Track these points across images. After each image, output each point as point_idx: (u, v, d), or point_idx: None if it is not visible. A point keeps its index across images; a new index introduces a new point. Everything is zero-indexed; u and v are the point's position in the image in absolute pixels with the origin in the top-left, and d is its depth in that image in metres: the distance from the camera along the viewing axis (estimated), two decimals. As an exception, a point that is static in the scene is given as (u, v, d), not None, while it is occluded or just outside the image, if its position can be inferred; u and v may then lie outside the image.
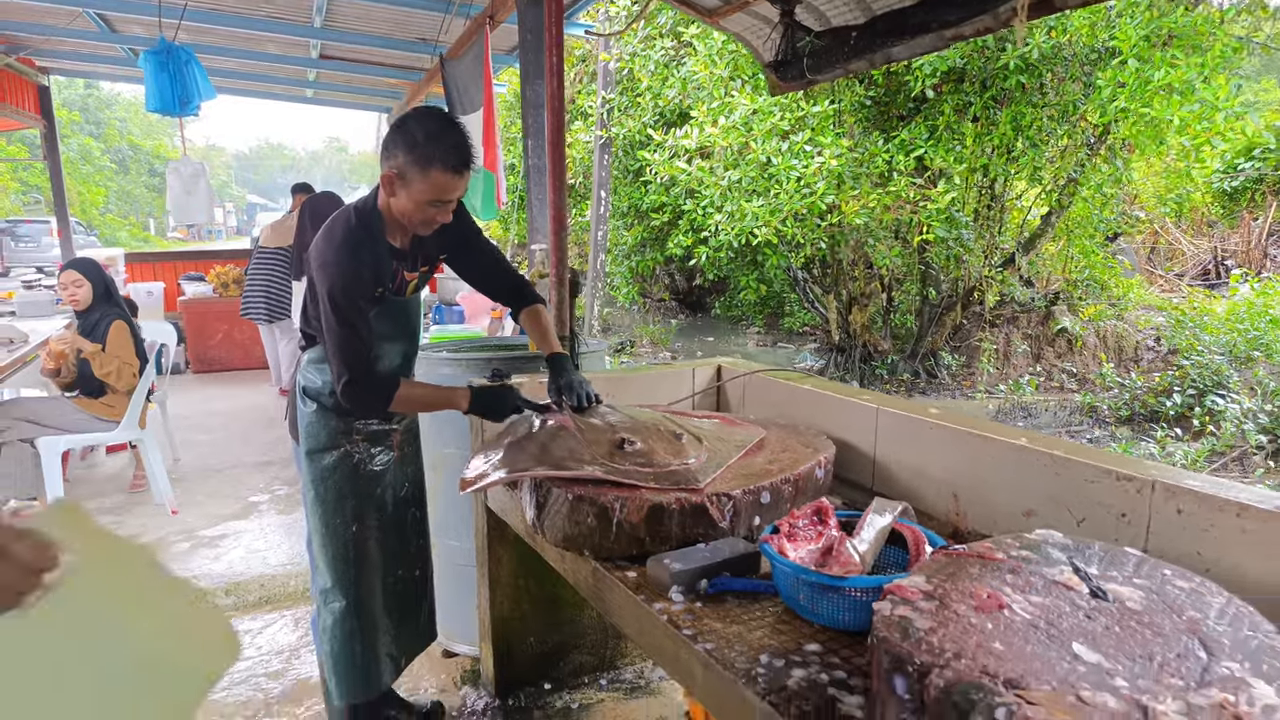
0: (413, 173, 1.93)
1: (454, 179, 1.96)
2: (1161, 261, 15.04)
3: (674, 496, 1.72)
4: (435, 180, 1.94)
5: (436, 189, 1.95)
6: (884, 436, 2.10)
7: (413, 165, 1.93)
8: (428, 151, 1.92)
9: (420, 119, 1.97)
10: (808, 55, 2.63)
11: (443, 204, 1.99)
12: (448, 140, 1.94)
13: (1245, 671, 1.02)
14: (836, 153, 6.75)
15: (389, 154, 1.97)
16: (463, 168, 1.97)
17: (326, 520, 2.19)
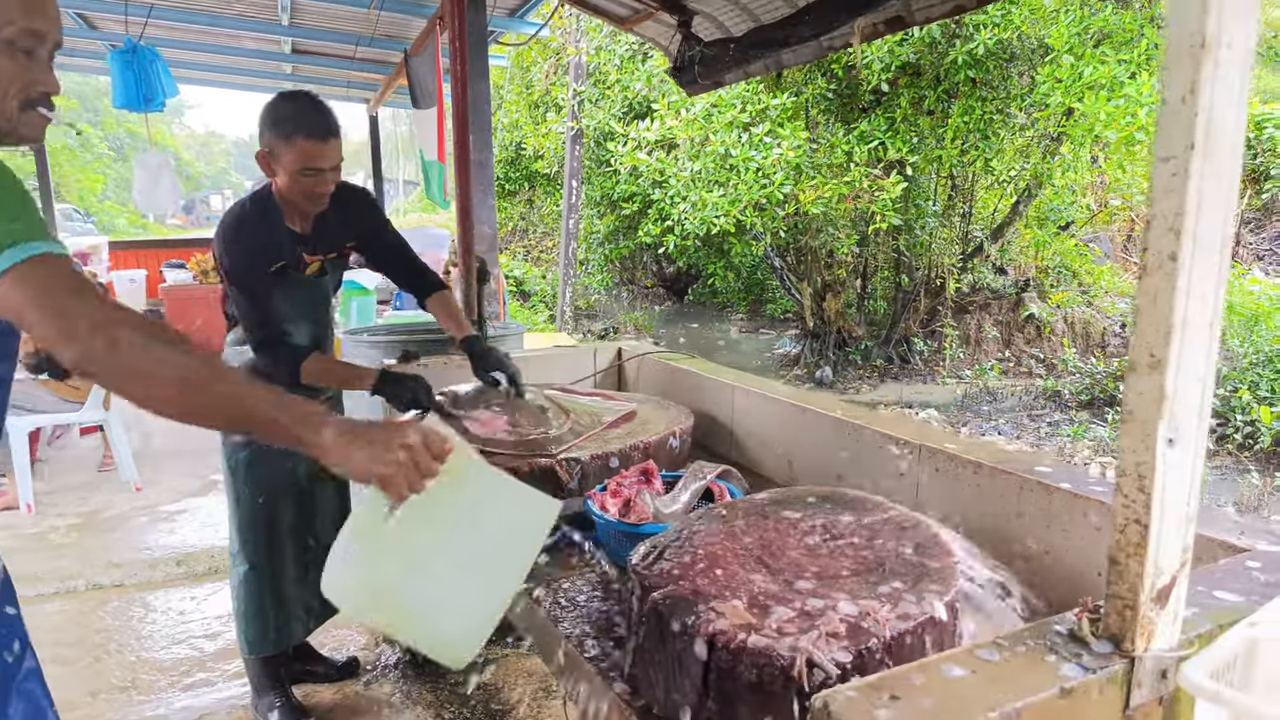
0: (280, 146, 2.09)
1: (319, 145, 2.08)
2: (1136, 249, 15.22)
3: (526, 461, 1.96)
4: (301, 149, 2.06)
5: (304, 156, 2.07)
6: (739, 411, 2.34)
7: (279, 139, 2.09)
8: (290, 124, 2.08)
9: (282, 98, 2.14)
10: (698, 63, 2.84)
11: (314, 172, 2.10)
12: (306, 111, 2.09)
13: (906, 589, 1.26)
14: (795, 144, 6.96)
15: (260, 136, 2.14)
16: (326, 134, 2.09)
17: (235, 490, 2.42)
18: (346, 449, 1.11)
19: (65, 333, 1.02)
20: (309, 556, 2.55)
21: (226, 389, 1.09)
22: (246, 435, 1.22)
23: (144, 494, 4.54)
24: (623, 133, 7.57)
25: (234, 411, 1.11)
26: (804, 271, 10.26)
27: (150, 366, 1.04)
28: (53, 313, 1.03)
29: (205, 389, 1.08)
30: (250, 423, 1.12)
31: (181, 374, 1.05)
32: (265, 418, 1.10)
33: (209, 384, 1.08)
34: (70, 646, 3.07)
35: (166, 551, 3.83)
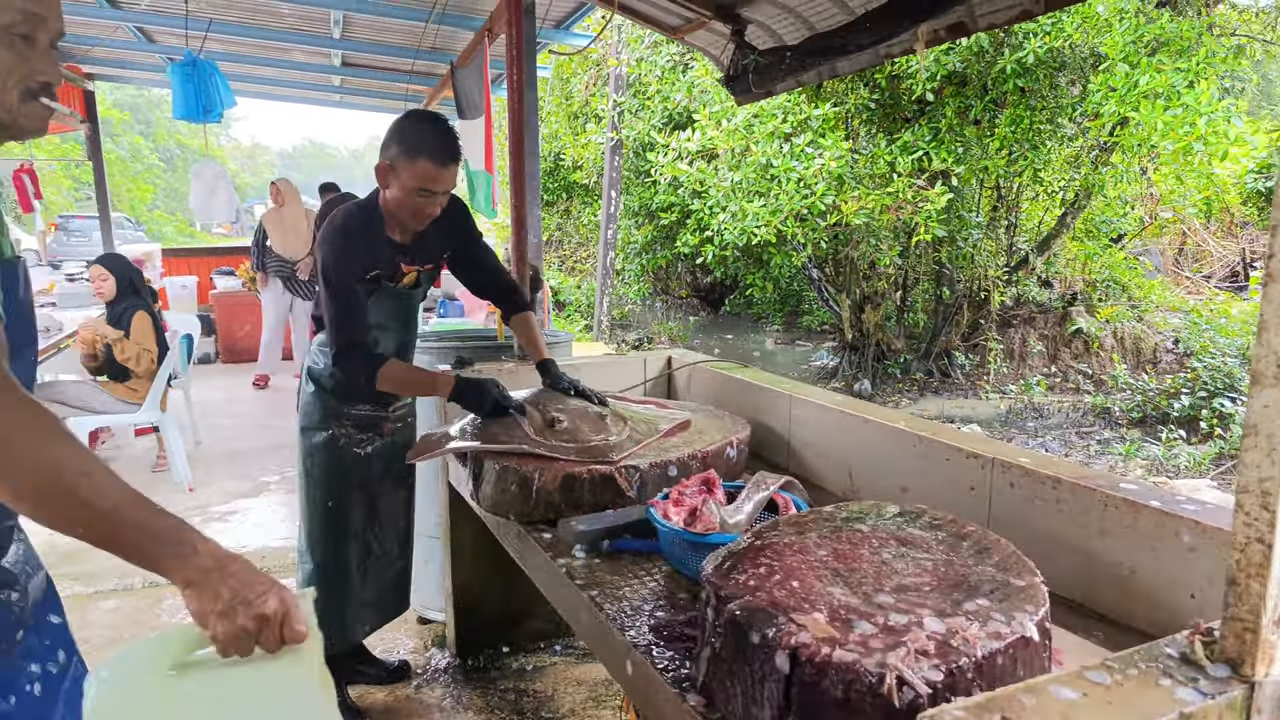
0: (402, 163, 2.16)
1: (438, 170, 2.15)
2: (1189, 263, 14.89)
3: (586, 467, 1.96)
4: (422, 170, 2.14)
5: (422, 178, 2.14)
6: (796, 421, 2.31)
7: (402, 156, 2.15)
8: (415, 144, 2.15)
9: (412, 118, 2.22)
10: (752, 71, 2.83)
11: (429, 194, 2.17)
12: (434, 135, 2.17)
13: (993, 607, 1.22)
14: (837, 154, 6.92)
15: (384, 148, 2.22)
16: (448, 160, 2.17)
17: (308, 491, 2.46)
18: (205, 589, 0.98)
19: None
20: (371, 561, 2.58)
21: (88, 489, 0.95)
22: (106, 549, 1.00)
23: (196, 495, 4.62)
24: (663, 143, 7.59)
25: (91, 517, 0.96)
26: (843, 283, 10.18)
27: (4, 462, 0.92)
28: None
29: (60, 488, 0.95)
30: (109, 532, 0.97)
31: (36, 466, 0.93)
32: (129, 539, 0.97)
33: (67, 482, 0.94)
34: (127, 641, 3.11)
35: (218, 553, 3.88)
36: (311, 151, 72.71)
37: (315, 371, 2.45)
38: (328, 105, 9.54)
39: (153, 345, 4.39)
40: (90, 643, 3.08)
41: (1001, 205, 8.60)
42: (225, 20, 5.45)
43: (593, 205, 10.98)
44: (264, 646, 1.00)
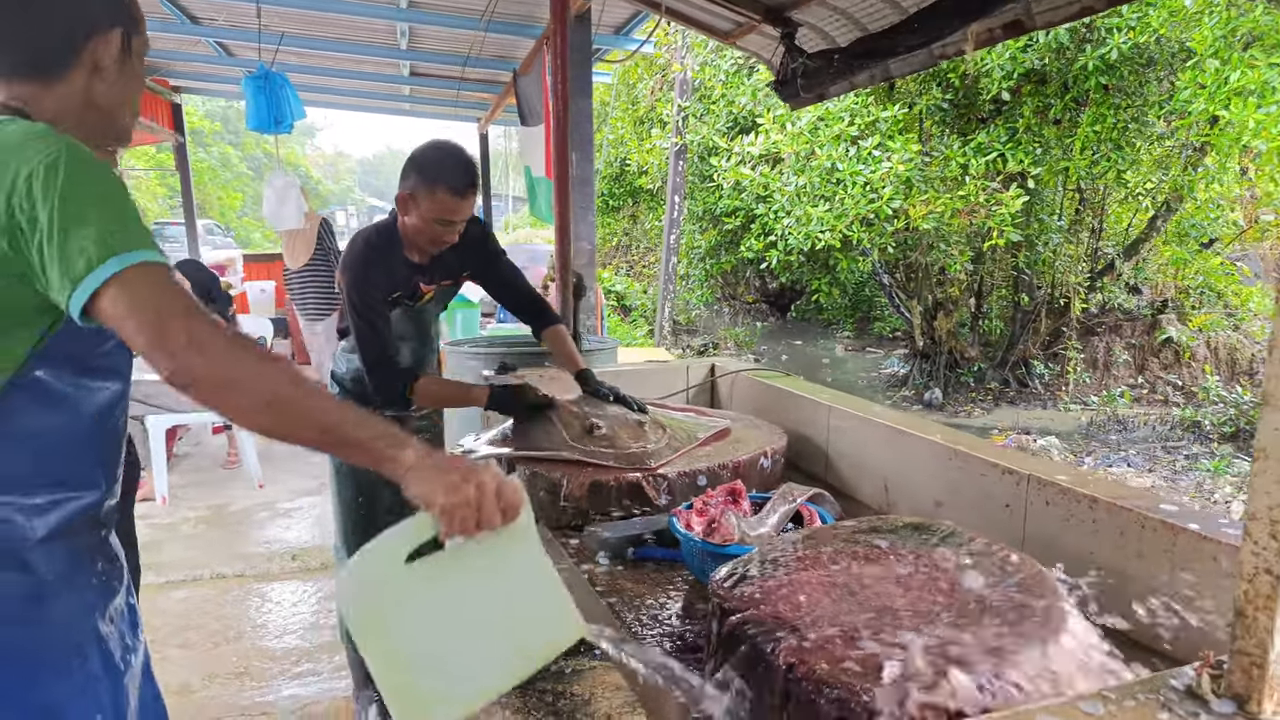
0: (421, 193, 2.20)
1: (457, 200, 2.18)
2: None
3: (613, 475, 1.95)
4: (440, 200, 2.17)
5: (441, 208, 2.18)
6: (834, 432, 2.26)
7: (421, 186, 2.19)
8: (434, 174, 2.18)
9: (432, 148, 2.25)
10: (801, 75, 2.79)
11: (447, 223, 2.23)
12: (452, 165, 2.19)
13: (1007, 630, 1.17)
14: (905, 157, 6.76)
15: (404, 177, 2.25)
16: (466, 190, 2.20)
17: (340, 492, 2.53)
18: (424, 471, 1.08)
19: (160, 344, 1.03)
20: None
21: (316, 405, 1.08)
22: (334, 453, 1.17)
23: (265, 491, 4.80)
24: (726, 148, 7.54)
25: (323, 426, 1.08)
26: (914, 289, 9.93)
27: (242, 381, 1.04)
28: (149, 323, 1.03)
29: (295, 405, 1.07)
30: (338, 438, 1.10)
31: (273, 389, 1.05)
32: (352, 435, 1.09)
33: (299, 400, 1.07)
34: (193, 631, 3.26)
35: (283, 546, 4.03)
36: (390, 159, 74.87)
37: (339, 374, 2.54)
38: (399, 115, 9.81)
39: None
40: (160, 630, 3.23)
41: (1085, 208, 8.26)
42: (297, 34, 5.65)
43: (658, 210, 10.99)
44: (486, 519, 1.08)
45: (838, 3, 2.80)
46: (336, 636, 3.16)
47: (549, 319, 2.58)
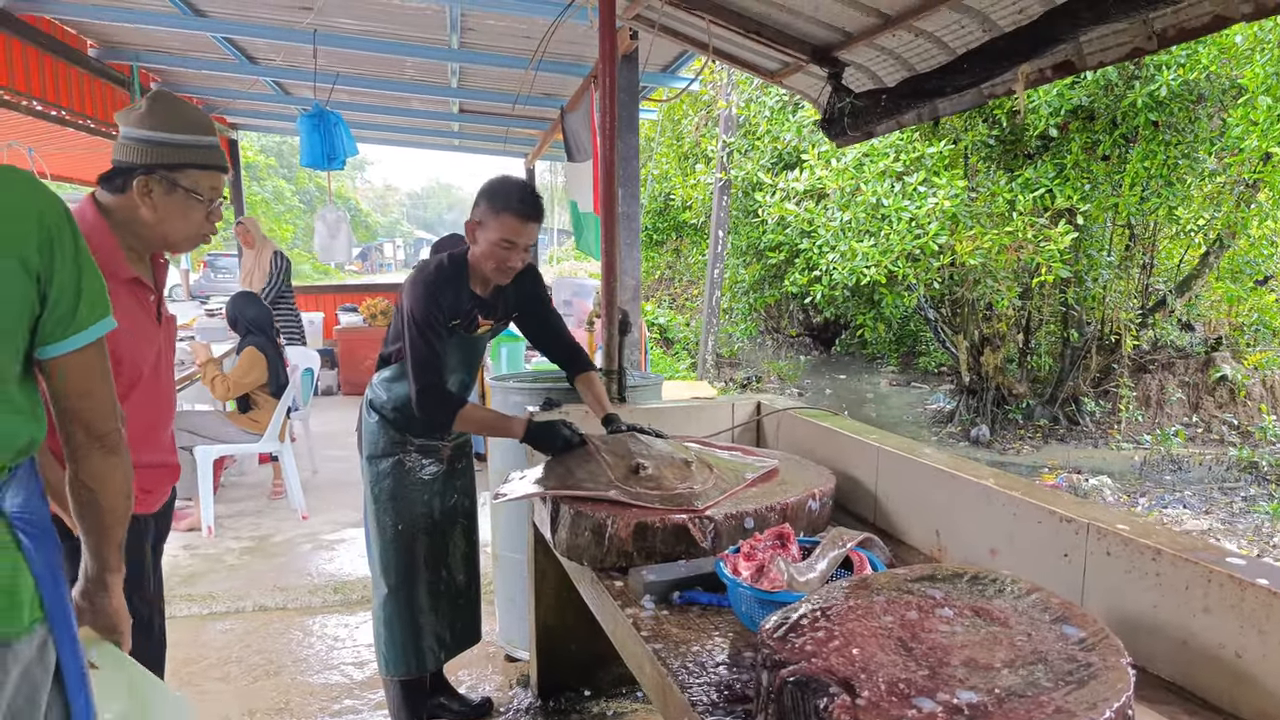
0: (489, 218, 2.34)
1: (521, 223, 2.34)
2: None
3: (659, 516, 1.93)
4: (505, 222, 2.33)
5: (506, 229, 2.33)
6: (883, 474, 2.22)
7: (489, 212, 2.35)
8: (502, 200, 2.34)
9: (499, 179, 2.41)
10: (848, 115, 2.79)
11: (511, 245, 2.35)
12: (518, 193, 2.36)
13: (1070, 689, 1.13)
14: (952, 193, 6.70)
15: (474, 207, 2.40)
16: (530, 216, 2.35)
17: (378, 517, 2.55)
18: None
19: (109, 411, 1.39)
20: (442, 588, 2.66)
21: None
22: None
23: (309, 522, 4.85)
24: (771, 183, 7.56)
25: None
26: (960, 324, 9.80)
27: None
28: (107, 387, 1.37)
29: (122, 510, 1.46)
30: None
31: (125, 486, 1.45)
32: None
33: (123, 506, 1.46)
34: (234, 664, 3.28)
35: (325, 579, 4.06)
36: (438, 192, 76.40)
37: (378, 403, 2.59)
38: (448, 150, 10.03)
39: (242, 378, 4.64)
40: (200, 664, 3.26)
41: (1135, 244, 8.10)
42: (351, 74, 5.82)
43: (701, 245, 11.03)
44: None
45: (886, 44, 2.80)
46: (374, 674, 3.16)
47: (584, 365, 2.68)
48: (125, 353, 1.80)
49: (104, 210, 1.82)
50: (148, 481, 1.94)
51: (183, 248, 1.94)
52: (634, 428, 2.42)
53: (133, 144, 1.78)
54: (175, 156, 1.79)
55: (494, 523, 3.33)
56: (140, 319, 1.87)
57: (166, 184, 1.79)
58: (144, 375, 1.87)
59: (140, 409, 1.88)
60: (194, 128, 1.81)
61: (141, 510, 1.93)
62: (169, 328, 2.03)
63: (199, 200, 1.83)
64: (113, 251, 1.80)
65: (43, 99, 5.25)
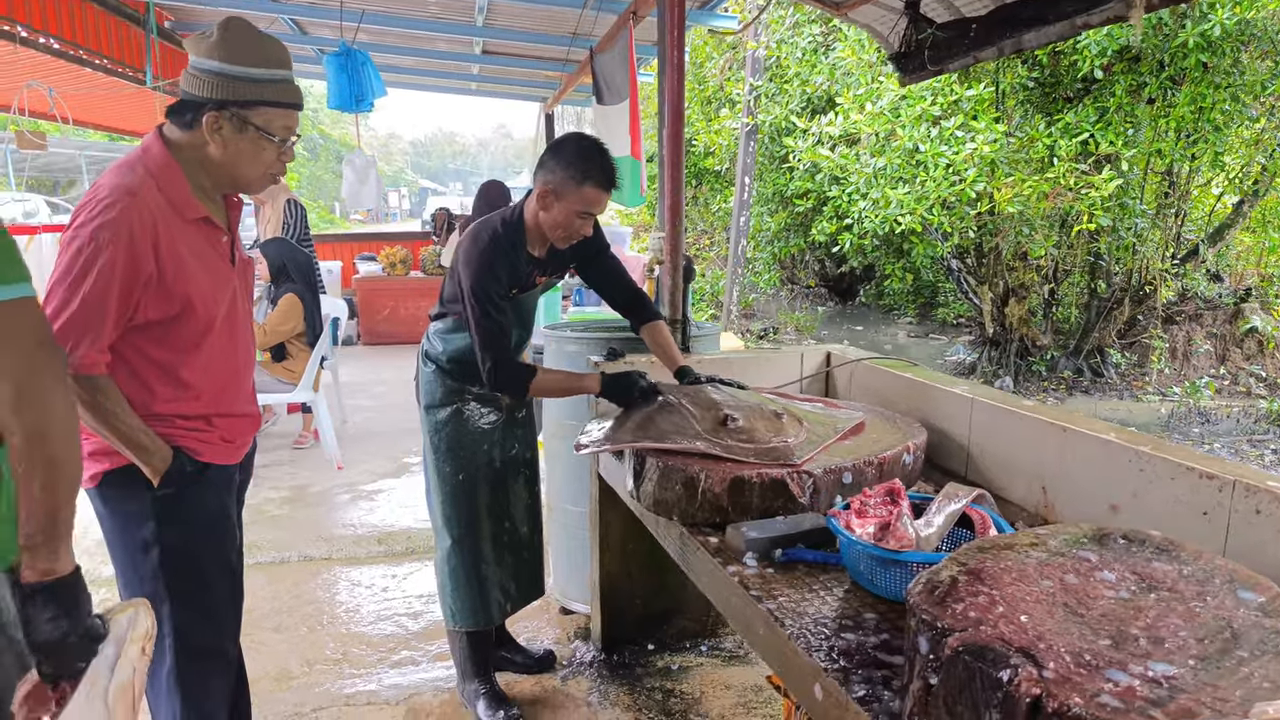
0: (568, 188, 2.22)
1: (602, 195, 2.25)
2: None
3: (756, 470, 1.85)
4: (587, 195, 2.22)
5: (587, 202, 2.23)
6: (977, 427, 2.13)
7: (569, 181, 2.21)
8: (583, 170, 2.21)
9: (575, 142, 2.27)
10: (929, 47, 2.64)
11: (588, 216, 2.27)
12: (601, 162, 2.23)
13: (1258, 662, 1.04)
14: (991, 138, 6.50)
15: (547, 170, 2.25)
16: (611, 185, 2.25)
17: (439, 467, 2.48)
18: None
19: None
20: (506, 539, 2.60)
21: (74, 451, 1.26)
22: None
23: (344, 472, 4.80)
24: (802, 128, 7.34)
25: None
26: (985, 274, 9.64)
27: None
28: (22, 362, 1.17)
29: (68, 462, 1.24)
30: None
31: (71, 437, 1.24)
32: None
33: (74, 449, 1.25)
34: (287, 614, 3.25)
35: (368, 529, 4.01)
36: (441, 141, 75.43)
37: (434, 354, 2.51)
38: (464, 94, 9.78)
39: (284, 326, 4.54)
40: (253, 613, 3.22)
41: (1174, 192, 7.89)
42: (375, 10, 5.61)
43: (724, 192, 10.79)
44: None
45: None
46: (432, 623, 3.13)
47: (649, 314, 2.56)
48: (197, 297, 1.71)
49: (172, 146, 1.70)
50: (230, 431, 1.86)
51: (255, 188, 1.82)
52: (711, 379, 2.32)
53: (203, 76, 1.65)
54: (248, 92, 1.66)
55: (549, 474, 3.27)
56: (212, 261, 1.76)
57: (238, 121, 1.66)
58: (218, 321, 1.77)
59: (218, 357, 1.79)
60: (269, 61, 1.68)
61: (226, 460, 1.85)
62: (246, 271, 1.92)
63: (271, 140, 1.71)
64: (181, 189, 1.69)
65: (60, 36, 5.07)
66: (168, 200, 1.67)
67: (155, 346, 1.71)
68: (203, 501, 1.81)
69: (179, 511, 1.77)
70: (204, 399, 1.79)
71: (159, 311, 1.67)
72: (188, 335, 1.74)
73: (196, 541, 1.80)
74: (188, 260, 1.70)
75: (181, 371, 1.75)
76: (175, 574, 1.78)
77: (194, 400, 1.78)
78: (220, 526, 1.85)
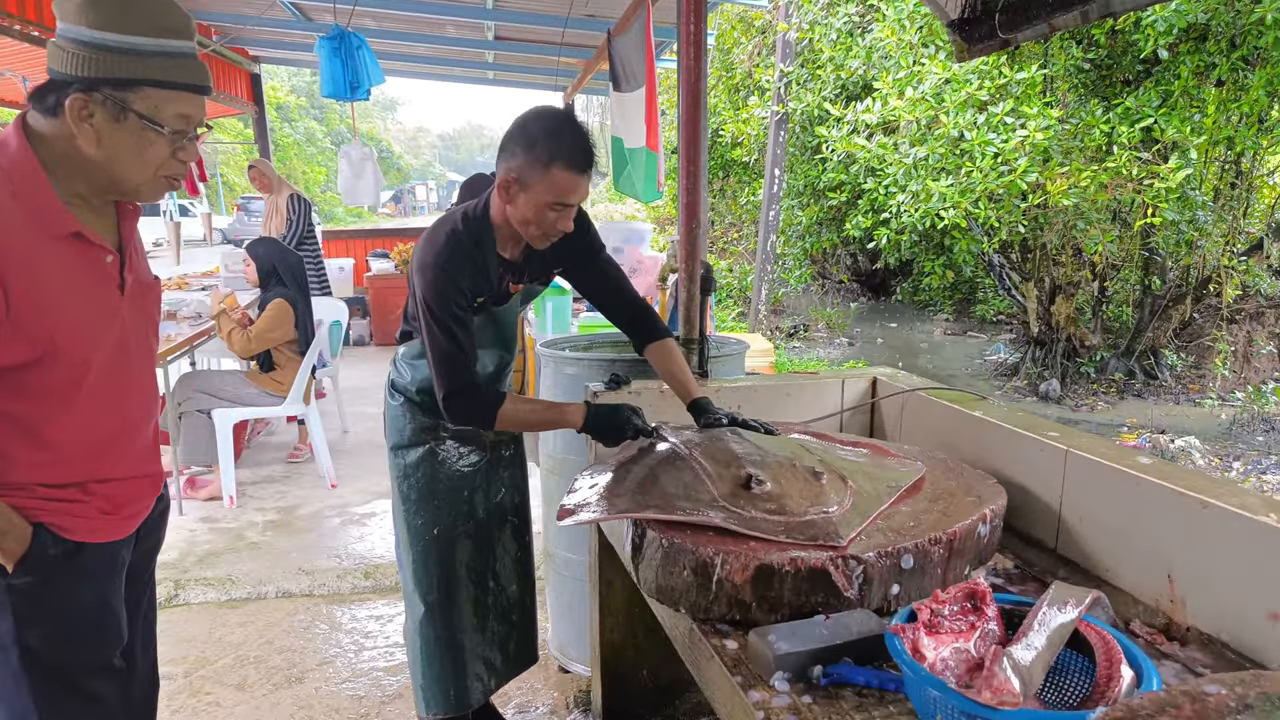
0: (532, 173, 1.77)
1: (576, 179, 1.78)
2: None
3: (788, 555, 1.41)
4: (556, 180, 1.76)
5: (557, 190, 1.77)
6: (1074, 486, 1.67)
7: (532, 165, 1.76)
8: (549, 148, 1.75)
9: (538, 118, 1.80)
10: (1000, 9, 2.17)
11: (563, 207, 1.80)
12: (570, 137, 1.77)
13: None
14: (1044, 124, 5.96)
15: (506, 155, 1.81)
16: (586, 167, 1.79)
17: (408, 521, 2.08)
18: None
19: None
20: (491, 602, 2.19)
21: None
22: None
23: (338, 491, 4.44)
24: (837, 115, 6.83)
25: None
26: (1030, 270, 9.09)
27: None
28: None
29: None
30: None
31: None
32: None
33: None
34: (254, 665, 2.87)
35: (355, 561, 3.64)
36: (470, 133, 75.44)
37: (401, 384, 2.10)
38: (481, 84, 9.39)
39: (267, 333, 4.16)
40: (216, 665, 2.85)
41: (1241, 182, 7.29)
42: (376, -8, 5.22)
43: (752, 184, 10.28)
44: None
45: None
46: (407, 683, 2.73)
47: (656, 332, 2.08)
48: (65, 336, 1.30)
49: (34, 139, 1.29)
50: (115, 500, 1.46)
51: (144, 194, 1.38)
52: (733, 419, 1.88)
53: (69, 48, 1.24)
54: (128, 69, 1.25)
55: (545, 512, 2.85)
56: (90, 289, 1.36)
57: (113, 106, 1.26)
58: (94, 365, 1.36)
59: (99, 409, 1.39)
60: (160, 28, 1.26)
61: (108, 536, 1.45)
62: (144, 298, 1.50)
63: (159, 131, 1.29)
64: (43, 196, 1.28)
65: (39, 23, 4.74)
66: (25, 211, 1.27)
67: (10, 398, 1.32)
68: (73, 592, 1.41)
69: (43, 604, 1.38)
70: (77, 462, 1.40)
71: (10, 356, 1.27)
72: (53, 384, 1.34)
73: (67, 642, 1.41)
74: (52, 289, 1.29)
75: (46, 429, 1.35)
76: (41, 682, 1.39)
77: (63, 464, 1.38)
78: (98, 623, 1.46)
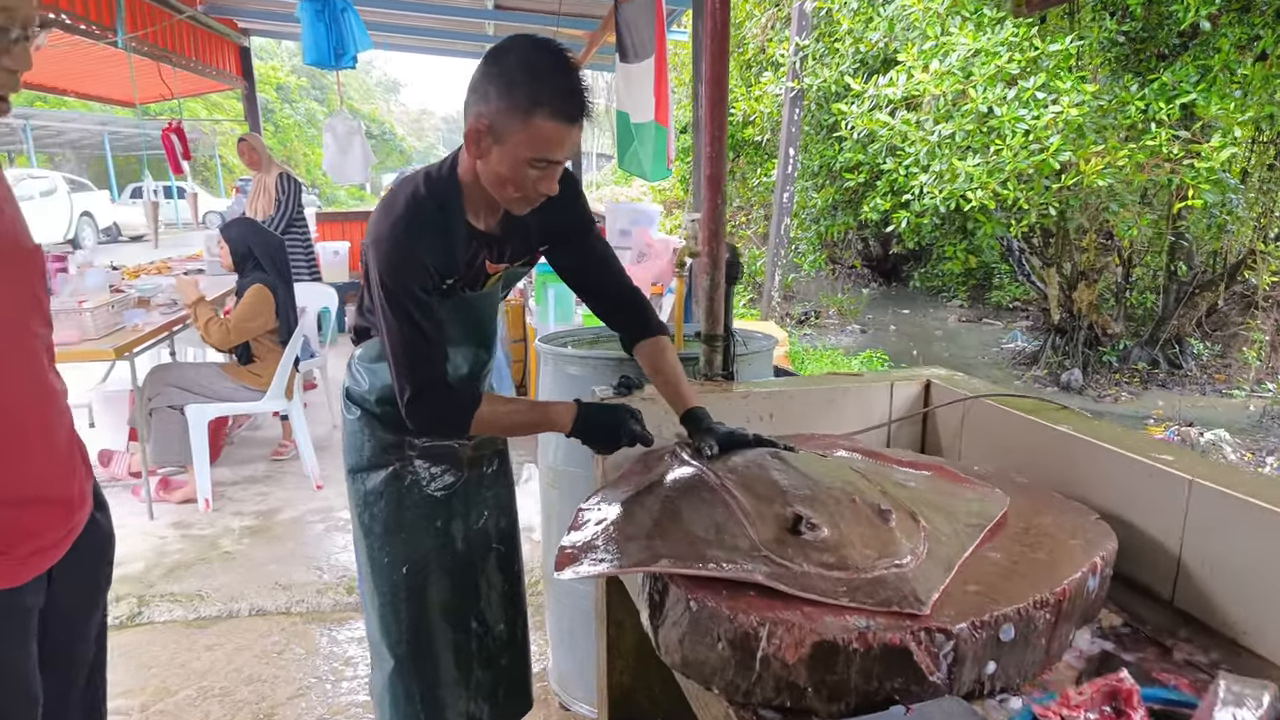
0: (510, 122, 1.39)
1: (564, 130, 1.41)
2: None
3: (856, 629, 1.08)
4: (539, 131, 1.39)
5: (539, 143, 1.40)
6: (1199, 524, 1.33)
7: (510, 111, 1.39)
8: (531, 91, 1.37)
9: (519, 48, 1.42)
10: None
11: (547, 164, 1.43)
12: (558, 79, 1.39)
13: None
14: (1078, 100, 5.58)
15: (478, 98, 1.42)
16: (578, 115, 1.42)
17: (372, 557, 1.75)
18: None
19: None
20: (475, 647, 1.86)
21: None
22: None
23: (324, 493, 4.13)
24: (857, 90, 6.45)
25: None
26: (1052, 255, 8.74)
27: None
28: None
29: None
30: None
31: None
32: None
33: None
34: (216, 700, 2.56)
35: (337, 574, 3.33)
36: (474, 116, 74.62)
37: (357, 393, 1.75)
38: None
39: (251, 323, 3.83)
40: (177, 697, 2.55)
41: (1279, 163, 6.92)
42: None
43: (765, 165, 9.89)
44: None
45: None
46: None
47: (650, 327, 1.70)
48: None
49: None
50: (14, 534, 1.14)
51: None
52: (760, 439, 1.53)
53: None
54: None
55: (545, 521, 2.54)
56: None
57: None
58: None
59: None
60: None
61: (6, 582, 1.13)
62: (8, 265, 1.16)
63: None
64: None
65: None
66: None
67: None
68: None
69: None
70: None
71: None
72: None
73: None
74: None
75: None
76: None
77: None
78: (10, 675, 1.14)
